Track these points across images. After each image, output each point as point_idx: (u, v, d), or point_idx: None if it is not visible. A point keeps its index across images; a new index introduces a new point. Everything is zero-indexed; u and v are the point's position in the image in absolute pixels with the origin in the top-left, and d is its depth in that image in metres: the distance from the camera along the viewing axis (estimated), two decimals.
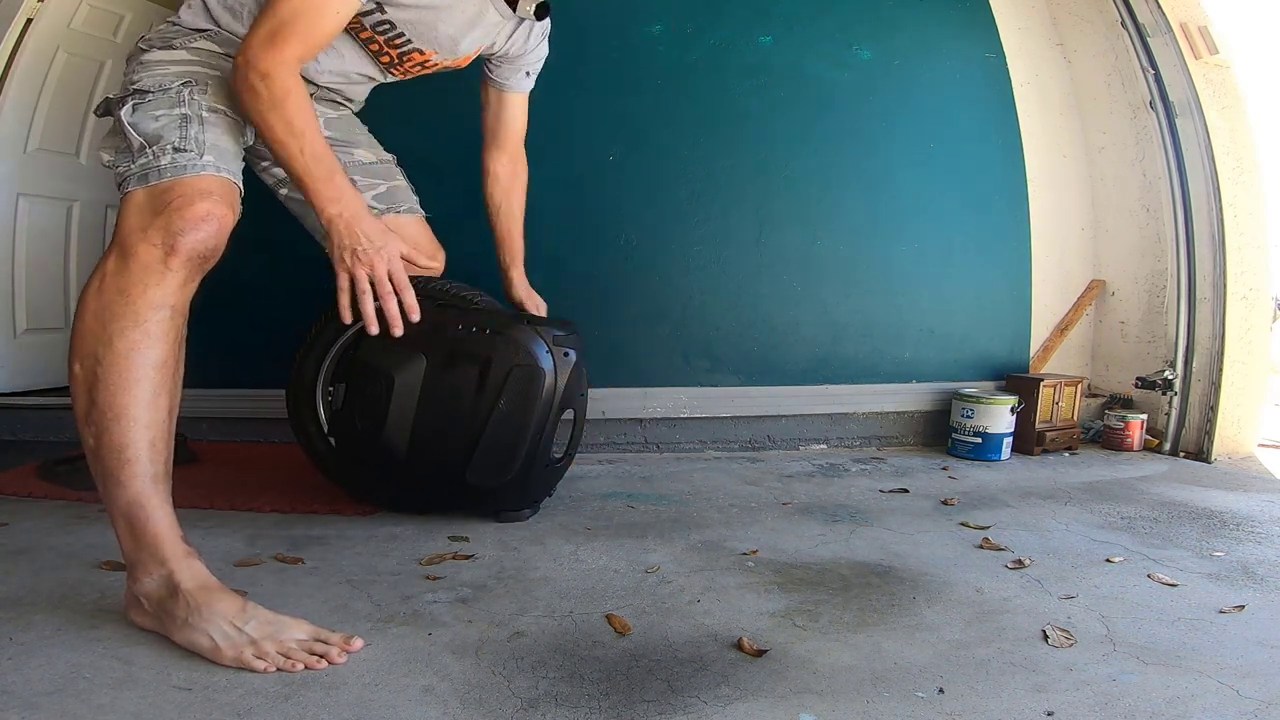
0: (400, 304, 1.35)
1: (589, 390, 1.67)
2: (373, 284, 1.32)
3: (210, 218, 1.08)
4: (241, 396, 2.26)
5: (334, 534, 1.51)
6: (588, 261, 2.33)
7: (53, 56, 2.53)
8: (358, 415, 1.50)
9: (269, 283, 2.25)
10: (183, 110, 1.17)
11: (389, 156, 1.66)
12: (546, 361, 1.49)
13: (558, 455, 1.65)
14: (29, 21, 2.43)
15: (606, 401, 2.24)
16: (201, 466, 1.98)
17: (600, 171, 2.33)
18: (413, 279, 1.60)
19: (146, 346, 1.04)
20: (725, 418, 2.37)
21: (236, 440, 2.29)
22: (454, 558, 1.40)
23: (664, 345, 2.37)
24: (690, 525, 1.64)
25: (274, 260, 2.21)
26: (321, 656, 1.00)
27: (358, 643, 1.04)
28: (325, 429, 1.61)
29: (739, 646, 1.08)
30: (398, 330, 1.34)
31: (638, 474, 2.07)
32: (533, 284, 1.89)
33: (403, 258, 1.36)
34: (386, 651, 1.04)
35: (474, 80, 1.70)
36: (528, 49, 1.59)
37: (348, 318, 1.32)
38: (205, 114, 1.19)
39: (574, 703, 0.93)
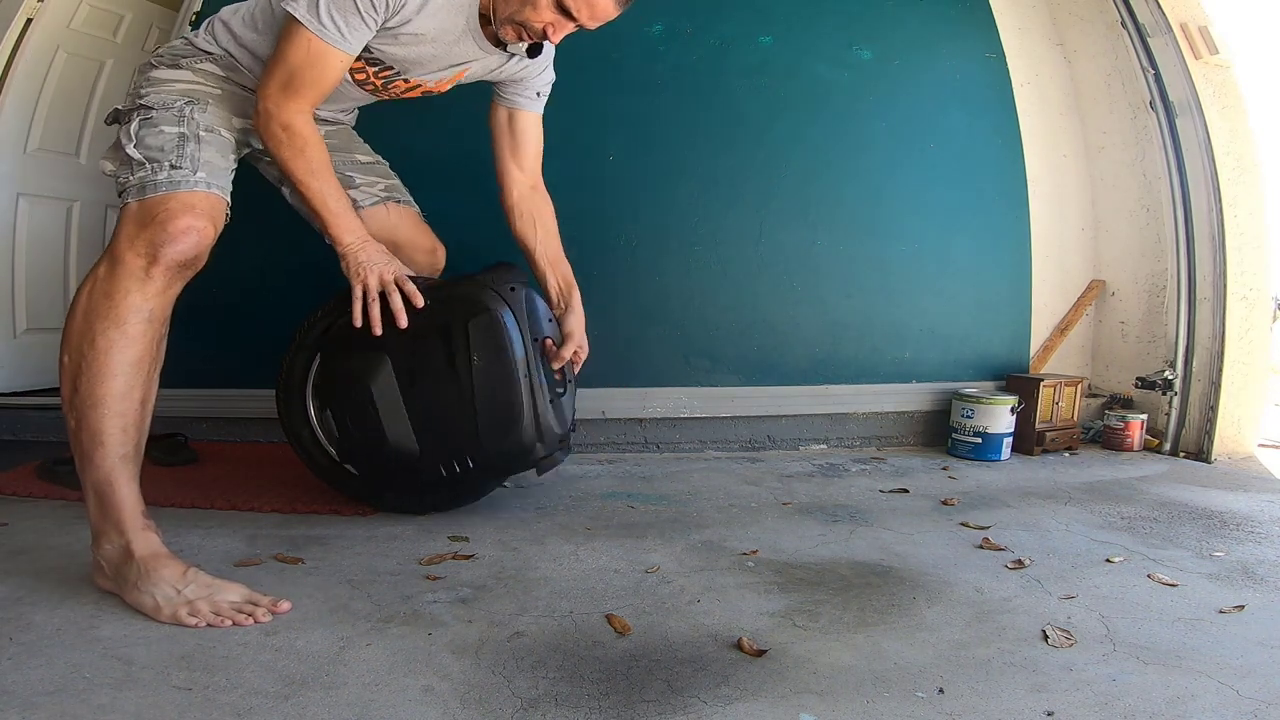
0: (403, 296, 1.44)
1: (584, 388, 1.66)
2: (381, 293, 1.43)
3: (191, 231, 1.21)
4: (242, 396, 2.26)
5: (334, 534, 1.51)
6: (588, 261, 2.32)
7: (53, 56, 2.53)
8: (356, 433, 1.51)
9: (269, 283, 2.25)
10: (182, 129, 1.28)
11: (382, 159, 1.76)
12: (495, 302, 1.49)
13: (561, 389, 1.62)
14: (29, 21, 2.43)
15: (606, 401, 2.24)
16: (201, 466, 1.98)
17: (600, 171, 2.33)
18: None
19: (124, 345, 1.16)
20: (725, 418, 2.37)
21: (236, 440, 2.28)
22: (454, 558, 1.40)
23: (664, 345, 2.36)
24: (690, 525, 1.64)
25: (274, 261, 2.22)
26: (249, 615, 1.11)
27: (285, 605, 1.15)
28: (336, 457, 1.62)
29: (739, 646, 1.08)
30: (402, 321, 1.40)
31: (638, 474, 2.07)
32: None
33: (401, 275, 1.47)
34: (386, 651, 1.04)
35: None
36: (530, 74, 1.59)
37: (359, 321, 1.41)
38: (202, 133, 1.30)
39: (574, 703, 0.93)
